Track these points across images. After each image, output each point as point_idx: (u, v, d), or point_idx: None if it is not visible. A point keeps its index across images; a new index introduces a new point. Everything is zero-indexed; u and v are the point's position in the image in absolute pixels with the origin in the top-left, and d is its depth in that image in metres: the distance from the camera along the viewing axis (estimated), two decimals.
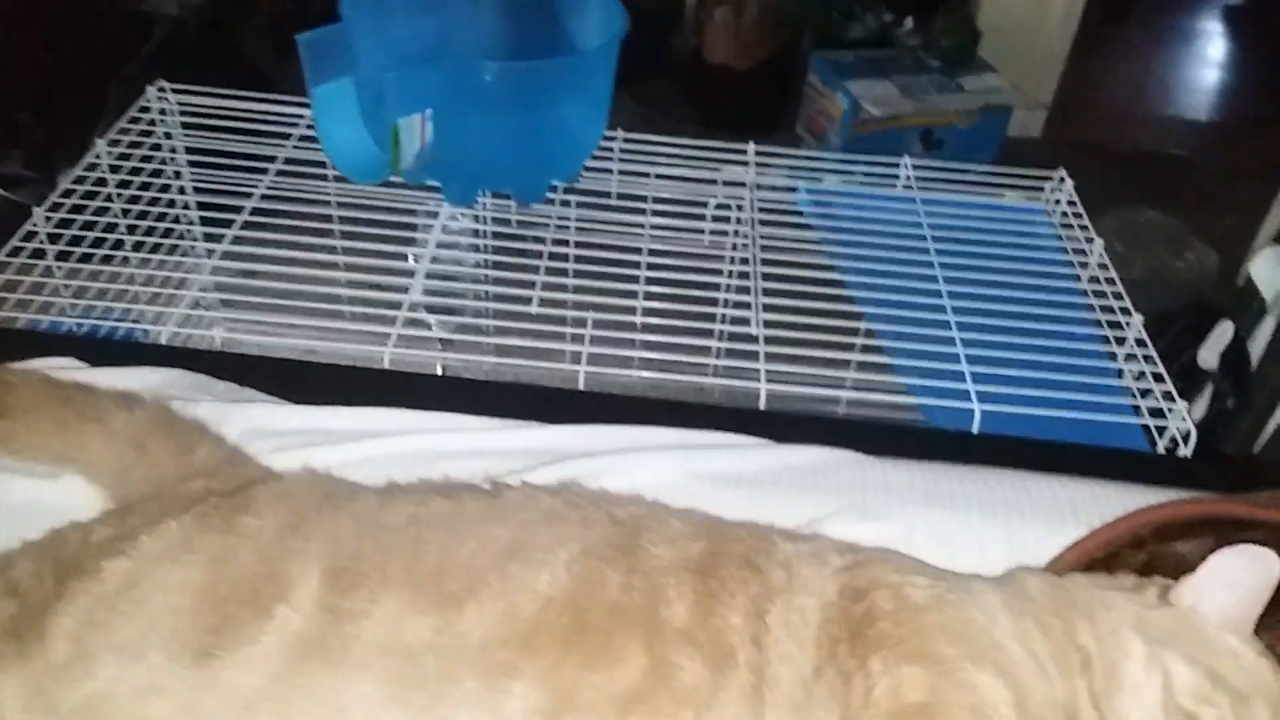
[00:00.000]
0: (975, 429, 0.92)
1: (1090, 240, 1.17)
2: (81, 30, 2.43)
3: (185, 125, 1.21)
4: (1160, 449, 0.96)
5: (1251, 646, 0.53)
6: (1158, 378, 0.99)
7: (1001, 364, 0.99)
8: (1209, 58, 3.51)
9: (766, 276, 1.12)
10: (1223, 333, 1.26)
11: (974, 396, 0.94)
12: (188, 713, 0.50)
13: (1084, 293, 1.15)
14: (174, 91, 1.23)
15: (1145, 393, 0.98)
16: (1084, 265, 1.17)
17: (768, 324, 1.03)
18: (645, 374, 1.02)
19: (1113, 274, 1.13)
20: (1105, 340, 1.08)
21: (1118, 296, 1.10)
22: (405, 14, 1.08)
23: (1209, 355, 1.21)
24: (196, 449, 0.70)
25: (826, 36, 2.63)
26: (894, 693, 0.50)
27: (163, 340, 0.96)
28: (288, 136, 1.18)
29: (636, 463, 0.74)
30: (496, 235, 1.21)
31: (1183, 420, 0.93)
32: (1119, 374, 1.04)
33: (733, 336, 1.21)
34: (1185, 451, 0.93)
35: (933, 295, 1.09)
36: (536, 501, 0.62)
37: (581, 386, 0.96)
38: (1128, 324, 1.06)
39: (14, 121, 2.20)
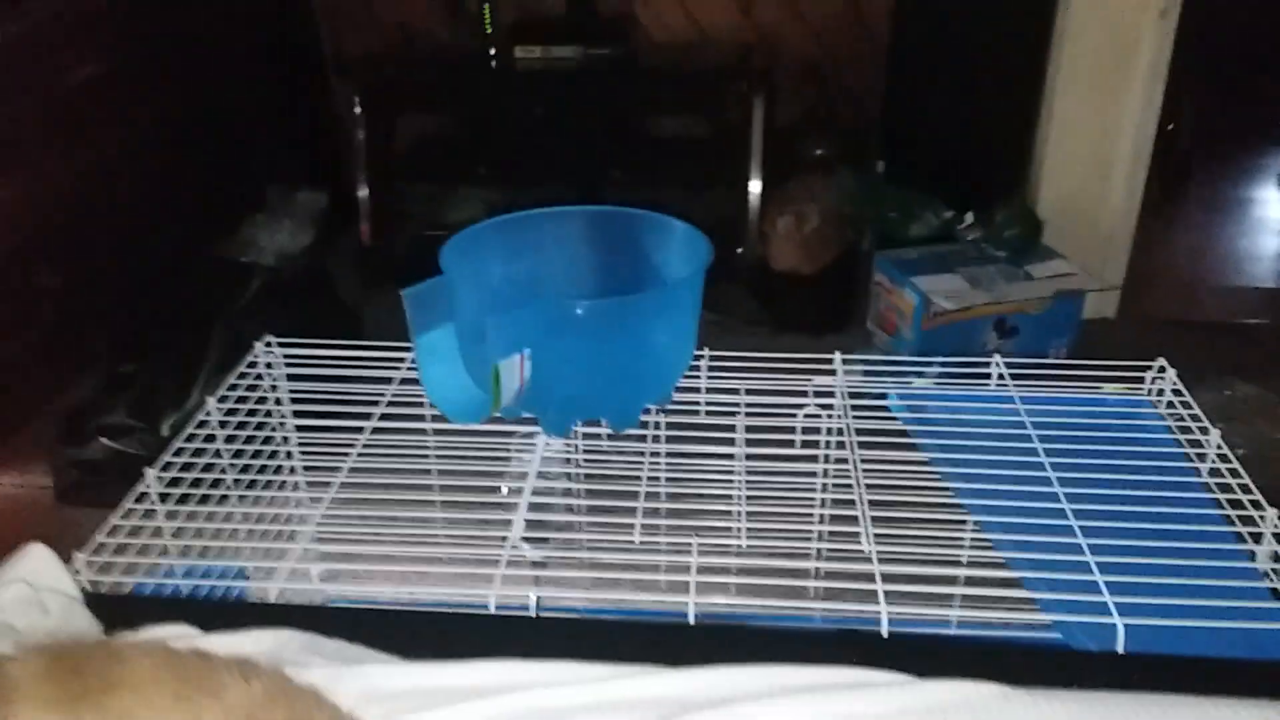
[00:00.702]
0: (1121, 647, 0.85)
1: (1205, 431, 1.13)
2: (184, 282, 2.61)
3: (290, 376, 1.26)
4: None
5: None
6: None
7: (1136, 570, 0.93)
8: (1269, 224, 3.51)
9: (868, 487, 1.09)
10: None
11: (1114, 609, 0.88)
12: None
13: (1206, 486, 1.10)
14: (279, 344, 1.29)
15: None
16: (1201, 458, 1.12)
17: (876, 539, 1.00)
18: (753, 600, 0.98)
19: (1236, 465, 1.08)
20: (1240, 538, 1.02)
21: (1245, 490, 1.05)
22: (501, 259, 1.13)
23: None
24: None
25: (889, 237, 2.70)
26: None
27: (271, 598, 0.96)
28: (389, 381, 1.22)
29: (771, 712, 0.69)
30: (589, 463, 1.22)
31: None
32: (1263, 575, 0.97)
33: (831, 555, 1.17)
34: None
35: (1049, 499, 1.04)
36: None
37: (692, 620, 0.93)
38: (1262, 518, 1.00)
39: (119, 373, 2.33)
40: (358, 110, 2.99)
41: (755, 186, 2.88)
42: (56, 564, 0.88)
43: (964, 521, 1.16)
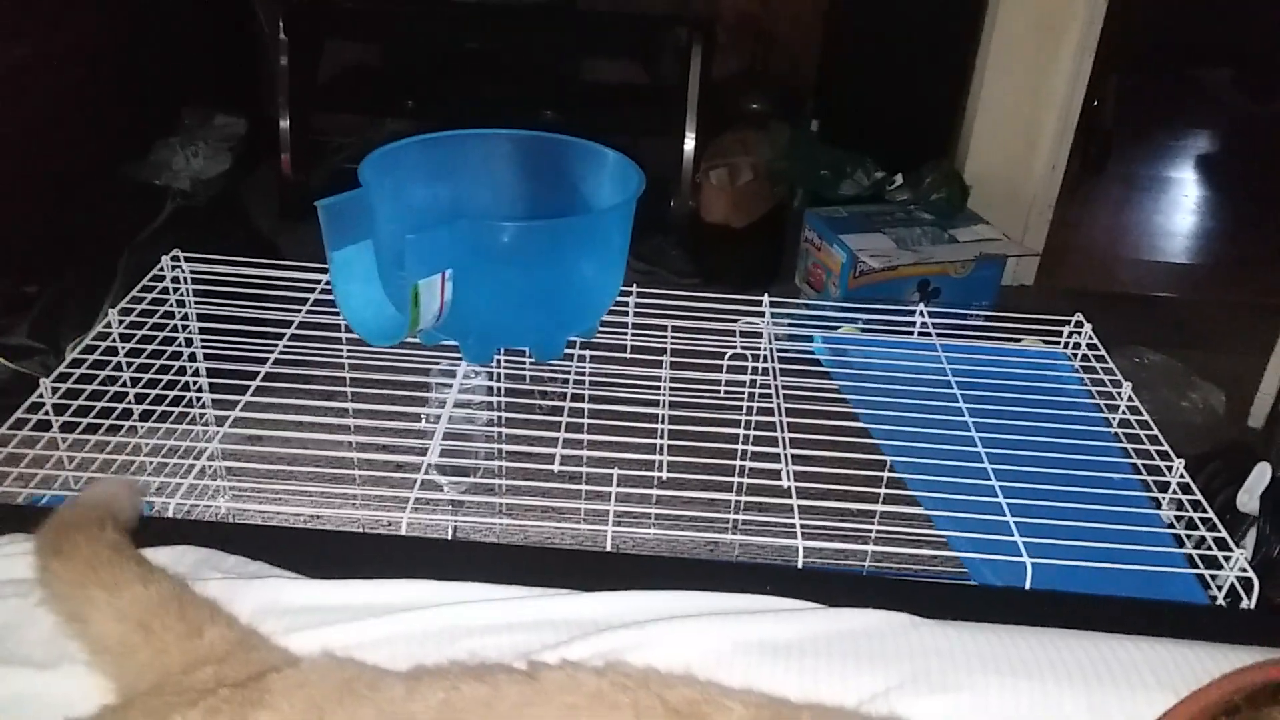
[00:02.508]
0: (1028, 585, 0.87)
1: (1118, 384, 1.16)
2: (91, 203, 2.48)
3: (198, 294, 1.20)
4: (1220, 600, 0.91)
5: None
6: (1208, 524, 0.95)
7: (1045, 514, 0.95)
8: (1184, 204, 3.63)
9: (789, 427, 1.09)
10: (1261, 475, 1.23)
11: (1024, 550, 0.89)
12: None
13: (1116, 437, 1.12)
14: (187, 260, 1.23)
15: (1197, 541, 0.94)
16: (1113, 410, 1.15)
17: (795, 475, 1.00)
18: (671, 532, 0.98)
19: (1146, 418, 1.11)
20: (1146, 486, 1.04)
21: (1154, 441, 1.07)
22: (422, 180, 1.09)
23: (1248, 499, 1.18)
24: (206, 632, 0.65)
25: (819, 195, 2.70)
26: None
27: (169, 513, 0.92)
28: (303, 302, 1.17)
29: (680, 633, 0.69)
30: (510, 393, 1.19)
31: (1242, 570, 0.89)
32: (1167, 524, 1.00)
33: (751, 490, 1.18)
34: (1248, 603, 0.89)
35: (965, 444, 1.05)
36: (580, 683, 0.57)
37: (609, 547, 0.92)
38: (1169, 469, 1.03)
39: (21, 293, 2.21)
40: (281, 35, 2.86)
41: (690, 138, 2.85)
42: None
43: (883, 463, 1.17)
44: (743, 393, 1.26)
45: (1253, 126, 3.23)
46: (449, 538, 0.99)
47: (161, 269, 1.22)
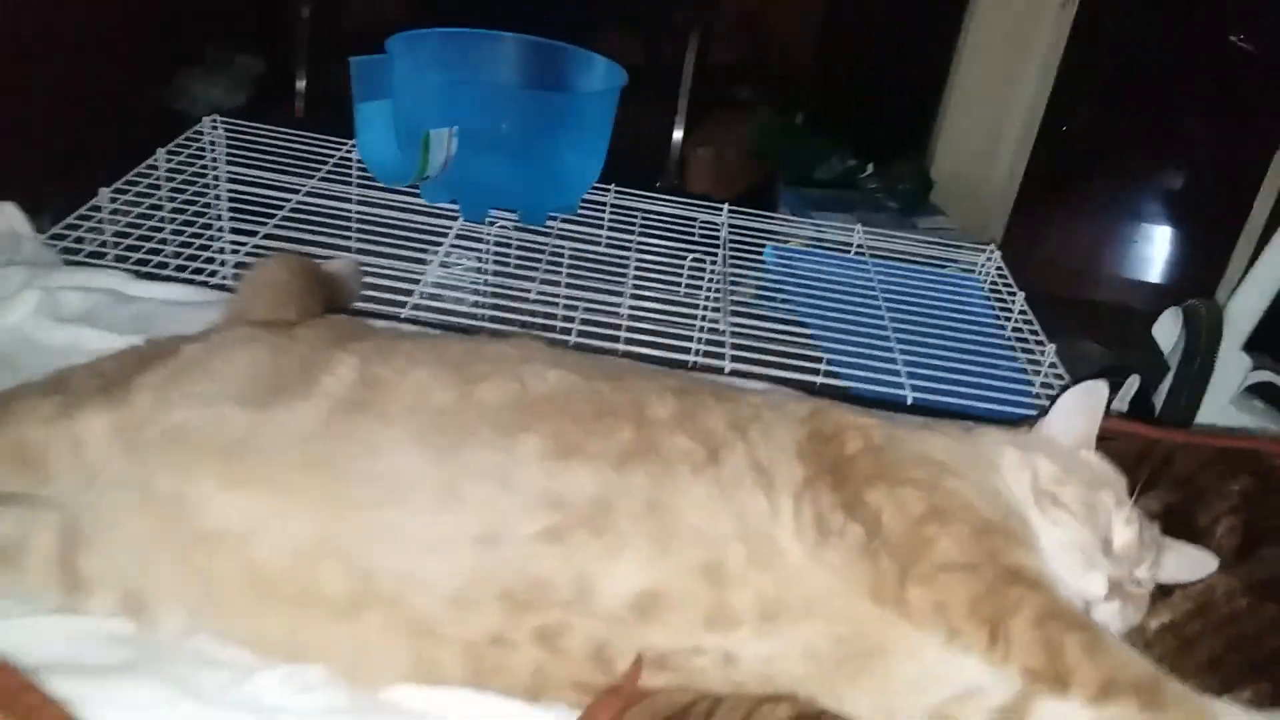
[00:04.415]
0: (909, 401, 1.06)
1: (1013, 293, 1.35)
2: (120, 121, 2.64)
3: (230, 149, 1.37)
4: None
5: (1097, 456, 0.67)
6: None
7: (936, 380, 1.14)
8: (1141, 230, 3.84)
9: (735, 313, 1.28)
10: (1131, 385, 1.43)
11: (908, 387, 1.08)
12: (250, 440, 0.61)
13: (1007, 332, 1.32)
14: (224, 123, 1.41)
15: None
16: (1009, 315, 1.34)
17: (735, 357, 1.17)
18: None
19: (1032, 318, 1.31)
20: (1023, 370, 1.24)
21: (1034, 334, 1.27)
22: (438, 61, 1.28)
23: (1120, 405, 1.37)
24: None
25: (797, 175, 2.91)
26: (901, 510, 0.61)
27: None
28: (323, 163, 1.35)
29: None
30: (497, 261, 1.37)
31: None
32: (1035, 395, 1.19)
33: (704, 367, 1.35)
34: None
35: (880, 333, 1.24)
36: (539, 344, 0.75)
37: None
38: (1043, 352, 1.22)
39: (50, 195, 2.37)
40: None
41: (681, 117, 3.05)
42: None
43: (819, 359, 1.35)
44: (701, 286, 1.43)
45: (1219, 165, 3.45)
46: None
47: (201, 127, 1.40)
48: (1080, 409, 0.71)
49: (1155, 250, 3.65)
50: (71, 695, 0.55)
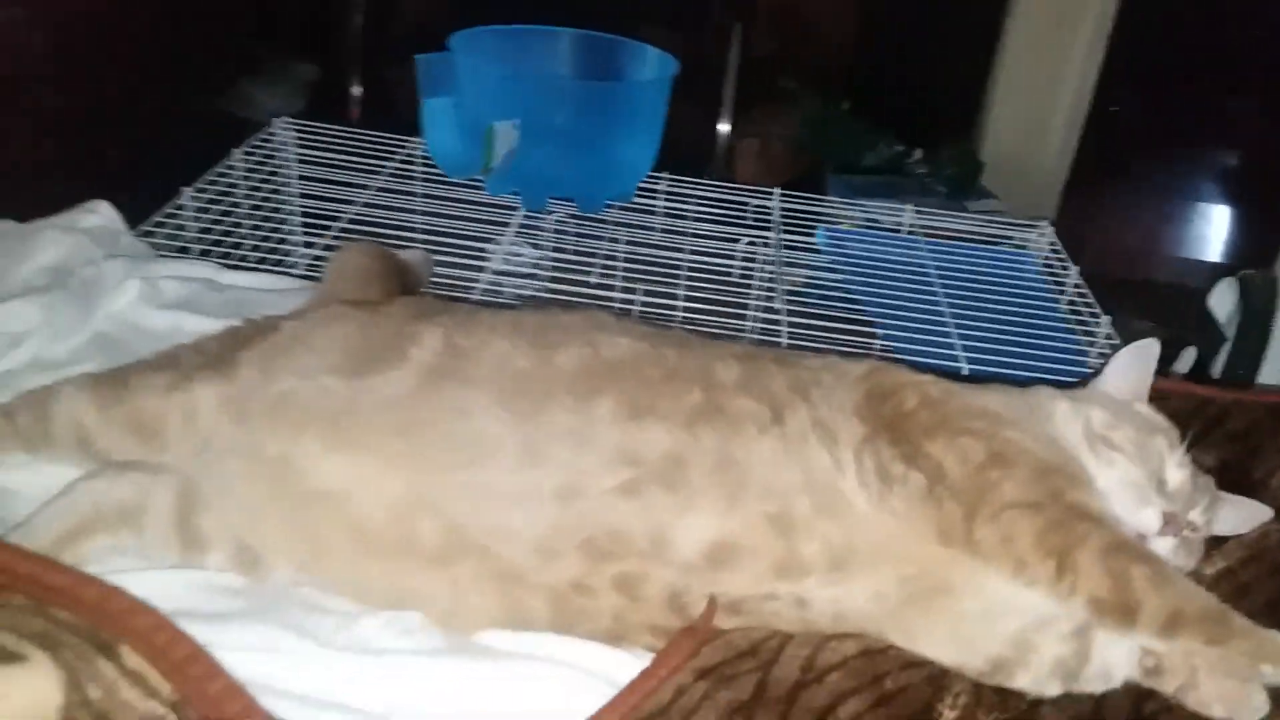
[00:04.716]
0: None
1: (1066, 267, 1.37)
2: (180, 127, 2.74)
3: (300, 147, 1.44)
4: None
5: (1150, 408, 0.70)
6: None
7: (991, 352, 1.16)
8: (1201, 208, 3.78)
9: (790, 293, 1.31)
10: (1187, 357, 1.44)
11: (964, 360, 1.11)
12: (349, 406, 0.67)
13: (1062, 306, 1.33)
14: (292, 124, 1.48)
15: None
16: (1063, 290, 1.35)
17: (791, 336, 1.21)
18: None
19: (1087, 291, 1.32)
20: (1078, 342, 1.25)
21: (1089, 306, 1.29)
22: (498, 57, 1.32)
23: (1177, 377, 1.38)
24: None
25: (844, 163, 2.92)
26: (963, 459, 0.64)
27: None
28: (388, 160, 1.41)
29: None
30: (557, 249, 1.41)
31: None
32: (1091, 369, 1.20)
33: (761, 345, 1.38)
34: None
35: (935, 309, 1.27)
36: (608, 315, 0.79)
37: None
38: (1098, 324, 1.24)
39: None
40: None
41: (727, 109, 3.08)
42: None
43: (874, 336, 1.38)
44: (755, 269, 1.47)
45: (1272, 142, 3.39)
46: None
47: (272, 129, 1.47)
48: (1134, 365, 0.73)
49: (1209, 229, 3.60)
50: (195, 637, 0.60)
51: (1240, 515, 0.73)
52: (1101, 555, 0.58)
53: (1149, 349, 0.73)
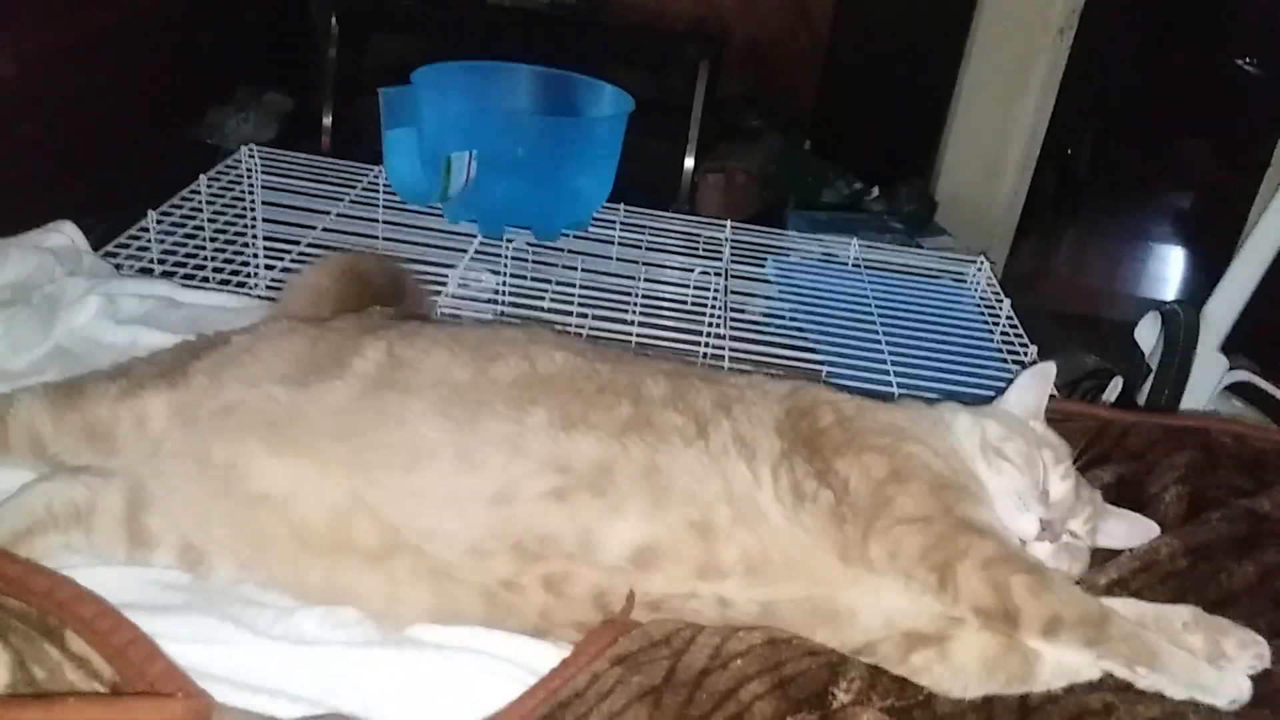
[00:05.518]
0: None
1: (1001, 301, 1.43)
2: (154, 154, 2.78)
3: (265, 174, 1.48)
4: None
5: (1044, 425, 0.76)
6: None
7: (920, 376, 1.22)
8: (1142, 253, 3.89)
9: (735, 323, 1.37)
10: (1115, 386, 1.50)
11: (894, 383, 1.16)
12: (292, 414, 0.71)
13: (995, 337, 1.40)
14: (260, 152, 1.53)
15: None
16: (996, 322, 1.42)
17: (735, 360, 1.26)
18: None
19: (1018, 324, 1.38)
20: (1009, 369, 1.31)
21: (1019, 337, 1.35)
22: (459, 92, 1.38)
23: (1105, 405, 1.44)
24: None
25: (804, 199, 3.00)
26: (865, 475, 0.69)
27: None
28: (353, 187, 1.45)
29: None
30: (514, 275, 1.46)
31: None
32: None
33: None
34: None
35: (872, 337, 1.33)
36: (547, 330, 0.84)
37: None
38: (1027, 353, 1.30)
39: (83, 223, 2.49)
40: (334, 29, 3.19)
41: (691, 145, 3.15)
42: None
43: (816, 360, 1.43)
44: (707, 298, 1.52)
45: (1216, 184, 3.51)
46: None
47: (239, 156, 1.51)
48: (1032, 386, 0.79)
49: (1159, 267, 3.71)
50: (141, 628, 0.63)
51: (1129, 529, 0.79)
52: (983, 566, 0.63)
53: (1046, 372, 0.79)
